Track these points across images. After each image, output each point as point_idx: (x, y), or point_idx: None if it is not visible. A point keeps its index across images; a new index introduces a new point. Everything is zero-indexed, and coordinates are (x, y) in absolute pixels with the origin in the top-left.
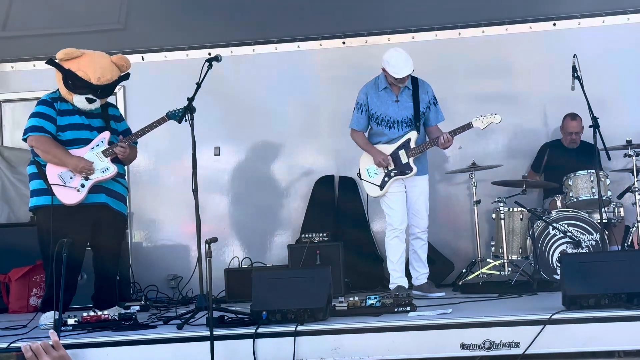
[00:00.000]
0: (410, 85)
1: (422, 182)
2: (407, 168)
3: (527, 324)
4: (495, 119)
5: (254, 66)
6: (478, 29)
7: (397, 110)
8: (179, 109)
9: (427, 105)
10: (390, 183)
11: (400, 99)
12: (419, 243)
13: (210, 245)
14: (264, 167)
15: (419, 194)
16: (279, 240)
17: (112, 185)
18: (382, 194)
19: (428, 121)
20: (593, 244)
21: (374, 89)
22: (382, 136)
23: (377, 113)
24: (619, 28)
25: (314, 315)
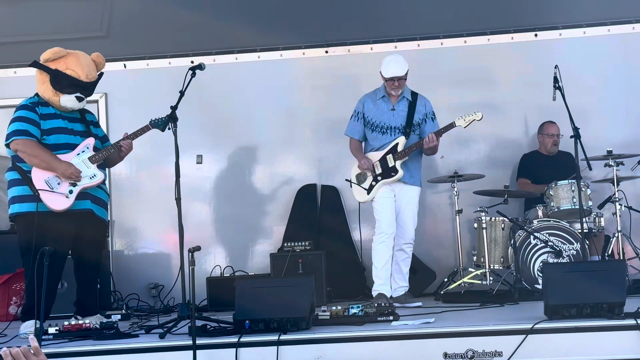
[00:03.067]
0: (410, 97)
1: (411, 192)
2: (392, 170)
3: (510, 334)
4: (476, 117)
5: (237, 74)
6: (460, 38)
7: (392, 117)
8: (162, 118)
9: (422, 117)
10: (378, 187)
11: (397, 108)
12: (402, 256)
13: (193, 254)
14: (246, 176)
15: (407, 204)
16: (261, 249)
17: (97, 192)
18: (369, 199)
19: (424, 134)
20: (574, 254)
21: (372, 98)
22: (375, 142)
23: (373, 120)
24: (599, 39)
25: (297, 324)
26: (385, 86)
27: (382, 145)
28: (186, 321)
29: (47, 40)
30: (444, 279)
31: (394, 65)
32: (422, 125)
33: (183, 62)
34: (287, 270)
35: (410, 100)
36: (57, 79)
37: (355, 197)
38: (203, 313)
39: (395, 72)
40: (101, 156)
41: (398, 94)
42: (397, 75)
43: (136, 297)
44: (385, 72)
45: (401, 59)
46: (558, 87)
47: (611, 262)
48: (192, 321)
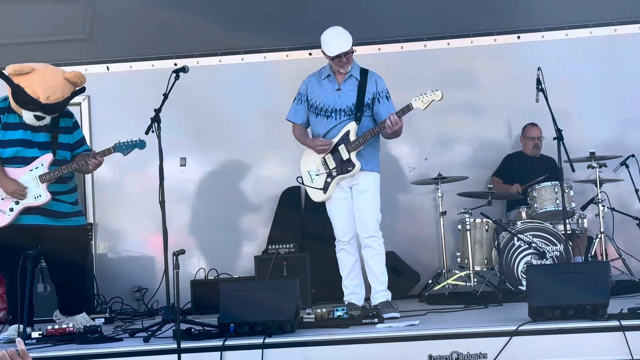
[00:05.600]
0: (358, 76)
1: (366, 180)
2: (349, 165)
3: (494, 335)
4: (436, 96)
5: (220, 77)
6: (443, 41)
7: (337, 99)
8: (126, 142)
9: (373, 96)
10: (334, 185)
11: (343, 87)
12: (370, 253)
13: (177, 257)
14: (230, 178)
15: (362, 192)
16: (245, 252)
17: (52, 206)
18: (326, 198)
19: (379, 116)
20: (557, 255)
21: (317, 77)
22: (319, 127)
23: (317, 102)
24: (582, 41)
25: (282, 327)
26: (331, 65)
27: (328, 131)
28: (171, 324)
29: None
30: (428, 281)
31: (338, 41)
32: (375, 106)
33: (166, 65)
34: (272, 272)
35: (358, 79)
36: (16, 95)
37: (310, 196)
38: (187, 316)
39: (341, 49)
40: (53, 175)
41: (346, 72)
42: (342, 51)
43: (120, 300)
44: (329, 50)
45: (343, 32)
46: (541, 89)
47: (594, 263)
48: (177, 324)
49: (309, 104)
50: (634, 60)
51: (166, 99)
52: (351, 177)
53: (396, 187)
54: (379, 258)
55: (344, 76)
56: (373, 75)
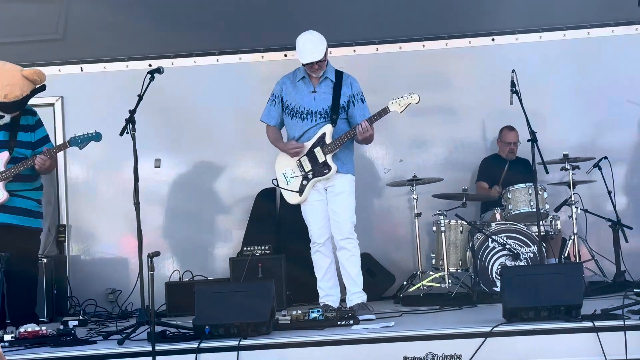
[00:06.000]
0: (334, 78)
1: (341, 182)
2: (325, 167)
3: (469, 337)
4: (412, 100)
5: (196, 78)
6: (418, 43)
7: (313, 101)
8: (81, 135)
9: (348, 99)
10: (310, 187)
11: (318, 89)
12: (345, 255)
13: (152, 259)
14: (205, 179)
15: (337, 194)
16: (220, 253)
17: (15, 202)
18: (302, 200)
19: (353, 119)
20: (531, 257)
21: (292, 80)
22: (295, 130)
23: (292, 104)
24: (555, 44)
25: (257, 329)
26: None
27: (304, 133)
28: (145, 327)
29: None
30: (403, 282)
31: (310, 49)
32: (350, 109)
33: (141, 66)
34: (247, 274)
35: (334, 81)
36: None
37: (286, 199)
38: (162, 318)
39: (312, 58)
40: (9, 174)
41: (319, 76)
42: (313, 60)
43: (93, 302)
44: (300, 57)
45: (316, 39)
46: (515, 91)
47: (568, 265)
48: (152, 327)
49: (283, 106)
50: (607, 62)
51: (141, 100)
52: (327, 180)
53: (371, 189)
54: (354, 260)
55: (319, 79)
56: (348, 78)
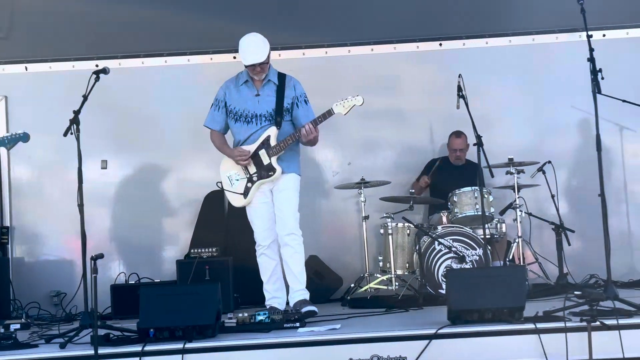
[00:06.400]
0: (277, 80)
1: (287, 181)
2: (269, 169)
3: (414, 339)
4: (357, 101)
5: (144, 79)
6: (367, 46)
7: (257, 104)
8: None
9: (292, 101)
10: (255, 190)
11: (262, 93)
12: (288, 252)
13: (95, 261)
14: (152, 181)
15: (281, 191)
16: (167, 256)
17: None
18: (247, 202)
19: (298, 120)
20: (476, 259)
21: (235, 84)
22: (240, 133)
23: (236, 108)
24: (501, 49)
25: (203, 332)
26: (248, 71)
27: (249, 136)
28: (88, 330)
29: None
30: (350, 285)
31: (253, 50)
32: (294, 111)
33: (87, 66)
34: (194, 277)
35: (277, 84)
36: None
37: (231, 202)
38: (107, 321)
39: (254, 60)
40: None
41: (262, 79)
42: (255, 62)
43: (37, 305)
44: (243, 58)
45: (259, 41)
46: (462, 95)
47: (512, 267)
48: (94, 330)
49: (227, 110)
50: (551, 68)
51: (85, 100)
52: (272, 182)
53: (319, 192)
54: (298, 257)
55: (262, 82)
56: (291, 80)
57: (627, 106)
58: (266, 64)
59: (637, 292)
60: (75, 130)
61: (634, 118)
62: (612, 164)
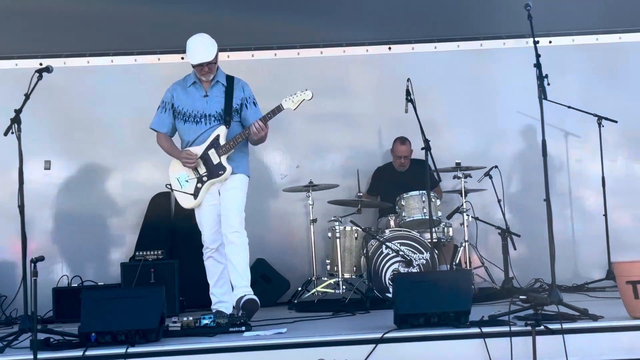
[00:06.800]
0: (225, 82)
1: (234, 181)
2: (219, 169)
3: (360, 343)
4: (306, 96)
5: (89, 78)
6: (316, 49)
7: (205, 105)
8: None
9: (241, 102)
10: (205, 190)
11: (210, 93)
12: (233, 249)
13: (35, 264)
14: (97, 183)
15: (227, 190)
16: (112, 258)
17: None
18: (197, 203)
19: (247, 122)
20: (423, 263)
21: (182, 86)
22: (189, 134)
23: (184, 109)
24: (449, 54)
25: (146, 336)
26: (196, 72)
27: (198, 136)
28: (28, 334)
29: None
30: (297, 288)
31: (201, 50)
32: (243, 112)
33: (31, 64)
34: (139, 280)
35: (225, 85)
36: None
37: (180, 203)
38: (48, 325)
39: (202, 59)
40: None
41: (210, 80)
42: (204, 61)
43: None
44: (191, 58)
45: (207, 41)
46: (410, 99)
47: (458, 272)
48: (34, 334)
49: (175, 112)
50: (498, 73)
51: (27, 99)
52: (221, 182)
53: (267, 194)
54: (243, 255)
55: (210, 83)
56: (240, 82)
57: (572, 112)
58: (214, 63)
59: (581, 297)
60: (17, 129)
61: (579, 124)
62: (557, 169)
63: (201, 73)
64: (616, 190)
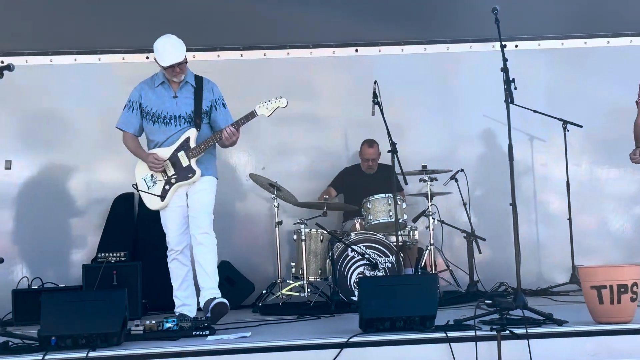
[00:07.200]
0: (194, 82)
1: (203, 183)
2: (189, 171)
3: (325, 347)
4: (280, 103)
5: (52, 77)
6: (283, 50)
7: (175, 106)
8: None
9: (211, 104)
10: (173, 192)
11: (179, 94)
12: (201, 250)
13: None
14: (59, 182)
15: (196, 192)
16: (73, 260)
17: None
18: (164, 205)
19: (216, 124)
20: (389, 266)
21: (150, 85)
22: (158, 135)
23: (153, 109)
24: (416, 57)
25: (108, 340)
26: (165, 73)
27: (168, 138)
28: None
29: None
30: (262, 291)
31: (171, 51)
32: (213, 114)
33: None
34: (101, 282)
35: (194, 86)
36: None
37: (146, 204)
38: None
39: (173, 60)
40: None
41: (180, 80)
42: (175, 62)
43: None
44: (161, 60)
45: (176, 42)
46: (377, 102)
47: (423, 275)
48: None
49: (143, 112)
50: (465, 77)
51: None
52: (189, 185)
53: (233, 196)
54: (211, 256)
55: (179, 84)
56: (209, 83)
57: (538, 116)
58: (185, 63)
59: (545, 301)
60: None
61: (544, 128)
62: (522, 173)
63: (172, 74)
64: (580, 195)
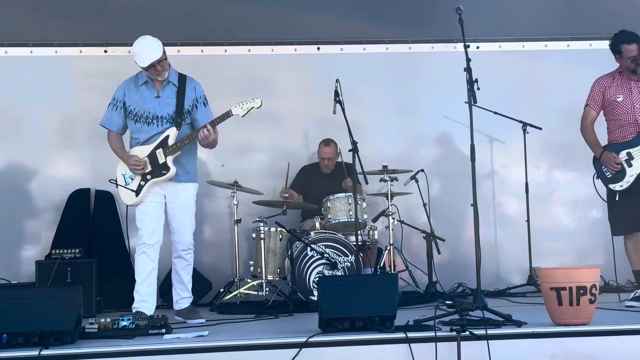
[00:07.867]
0: (177, 82)
1: (187, 192)
2: (163, 168)
3: (284, 347)
4: (255, 104)
5: (7, 70)
6: (244, 47)
7: (158, 106)
8: None
9: (192, 103)
10: (148, 188)
11: (162, 94)
12: (182, 263)
13: None
14: (12, 177)
15: (181, 205)
16: (26, 256)
17: None
18: (138, 201)
19: (197, 122)
20: (348, 266)
21: (134, 84)
22: (140, 134)
23: (136, 109)
24: (378, 56)
25: (61, 338)
26: (147, 73)
27: (150, 137)
28: None
29: None
30: (220, 290)
31: (148, 51)
32: (194, 112)
33: None
34: (55, 279)
35: (177, 85)
36: None
37: (122, 199)
38: None
39: (151, 58)
40: None
41: (163, 79)
42: (154, 60)
43: None
44: (140, 61)
45: (151, 41)
46: (338, 100)
47: (383, 275)
48: None
49: (126, 111)
50: (426, 77)
51: None
52: (164, 182)
53: None
54: (189, 269)
55: (162, 83)
56: (192, 81)
57: (498, 118)
58: (165, 60)
59: (504, 302)
60: None
61: (504, 130)
62: (481, 174)
63: (155, 74)
64: (538, 197)
